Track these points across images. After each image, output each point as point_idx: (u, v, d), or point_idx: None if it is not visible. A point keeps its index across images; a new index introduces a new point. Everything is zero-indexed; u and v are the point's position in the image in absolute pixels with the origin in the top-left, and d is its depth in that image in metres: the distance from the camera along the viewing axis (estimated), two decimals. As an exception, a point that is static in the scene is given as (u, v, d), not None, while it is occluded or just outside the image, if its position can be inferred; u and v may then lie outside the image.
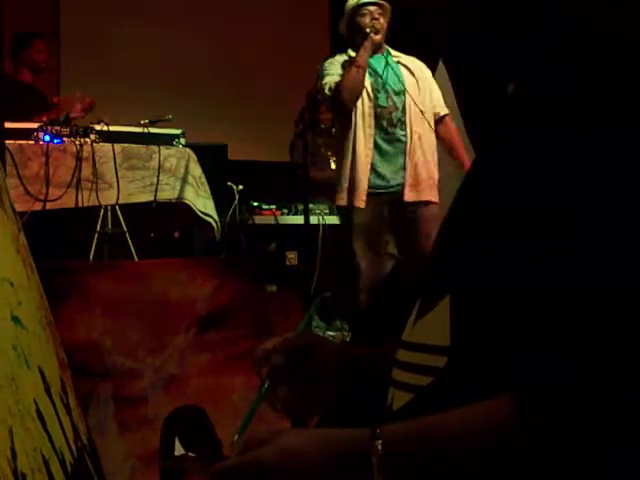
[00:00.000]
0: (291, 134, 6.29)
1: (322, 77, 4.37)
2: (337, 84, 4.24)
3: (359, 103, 4.27)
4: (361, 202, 4.23)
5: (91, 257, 4.39)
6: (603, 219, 0.79)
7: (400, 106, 4.30)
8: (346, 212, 4.36)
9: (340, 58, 4.43)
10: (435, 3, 1.04)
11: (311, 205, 5.78)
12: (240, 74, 7.87)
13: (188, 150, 4.90)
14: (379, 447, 0.83)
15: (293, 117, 5.59)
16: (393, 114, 4.29)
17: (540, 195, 0.83)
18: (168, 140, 4.85)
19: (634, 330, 0.76)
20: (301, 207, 5.77)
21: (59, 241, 4.49)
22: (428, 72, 4.44)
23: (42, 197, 4.23)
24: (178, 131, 4.97)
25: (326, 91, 4.29)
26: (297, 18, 8.39)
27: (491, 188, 0.91)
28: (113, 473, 2.17)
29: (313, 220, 5.84)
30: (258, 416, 1.16)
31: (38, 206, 4.22)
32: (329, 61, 4.45)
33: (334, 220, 6.21)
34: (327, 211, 6.16)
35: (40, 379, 1.07)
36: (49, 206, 4.26)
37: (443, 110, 4.44)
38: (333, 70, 4.35)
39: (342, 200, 4.33)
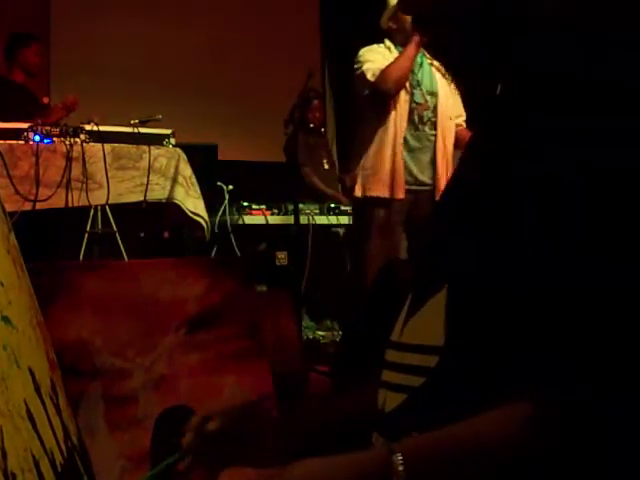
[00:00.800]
0: (282, 134, 6.25)
1: (361, 63, 4.31)
2: (382, 71, 4.18)
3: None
4: (400, 193, 4.22)
5: (81, 257, 4.39)
6: (602, 218, 0.79)
7: (432, 106, 4.31)
8: (364, 206, 4.32)
9: (379, 48, 4.40)
10: (433, 6, 1.04)
11: (301, 205, 5.78)
12: (230, 74, 7.87)
13: (178, 150, 4.90)
14: (400, 468, 0.82)
15: (283, 117, 5.58)
16: (425, 112, 4.29)
17: (536, 194, 0.83)
18: (158, 140, 4.84)
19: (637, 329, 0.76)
20: (291, 207, 5.77)
21: (49, 241, 4.48)
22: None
23: (32, 197, 4.22)
24: (168, 131, 4.96)
25: (369, 77, 4.22)
26: (287, 17, 8.39)
27: (484, 186, 0.91)
28: (103, 473, 2.17)
29: (303, 220, 5.85)
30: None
31: (28, 206, 4.21)
32: (367, 49, 4.40)
33: (323, 220, 6.22)
34: (317, 211, 6.16)
35: (30, 379, 1.07)
36: (39, 206, 4.25)
37: (461, 119, 4.45)
38: (374, 57, 4.31)
39: (381, 190, 4.26)
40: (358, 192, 4.34)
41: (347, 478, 0.86)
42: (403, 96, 4.25)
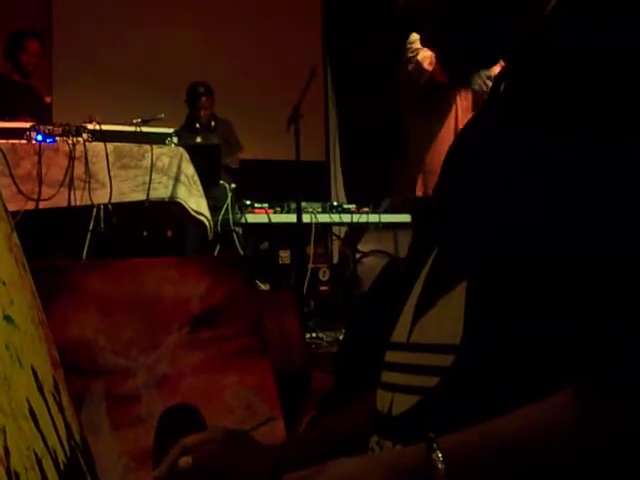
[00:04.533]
0: (284, 133, 6.19)
1: (416, 51, 4.03)
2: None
3: None
4: None
5: (84, 256, 4.39)
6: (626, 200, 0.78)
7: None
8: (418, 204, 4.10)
9: None
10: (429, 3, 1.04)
11: (304, 204, 5.78)
12: (232, 72, 7.87)
13: (180, 149, 4.90)
14: (440, 466, 0.81)
15: (285, 116, 5.59)
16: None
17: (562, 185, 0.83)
18: (160, 139, 4.84)
19: None
20: (294, 206, 5.77)
21: (52, 240, 4.48)
22: None
23: (35, 196, 4.22)
24: (170, 130, 4.96)
25: (426, 66, 3.95)
26: (289, 16, 8.39)
27: (501, 185, 0.90)
28: (106, 471, 2.17)
29: (306, 219, 5.85)
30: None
31: (31, 205, 4.21)
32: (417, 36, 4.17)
33: (326, 219, 6.22)
34: (320, 210, 6.16)
35: (33, 378, 1.07)
36: (42, 205, 4.25)
37: None
38: None
39: None
40: (419, 192, 4.10)
41: (385, 476, 0.84)
42: None
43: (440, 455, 0.81)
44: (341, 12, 8.54)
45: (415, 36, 4.04)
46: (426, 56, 3.96)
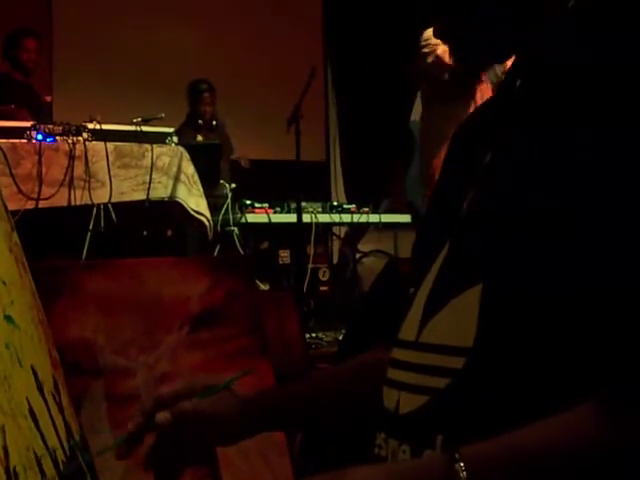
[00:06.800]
0: (284, 132, 6.17)
1: (433, 47, 4.01)
2: None
3: None
4: None
5: (84, 256, 4.39)
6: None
7: None
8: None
9: None
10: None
11: (304, 203, 5.78)
12: (232, 72, 7.87)
13: (180, 148, 4.90)
14: (462, 475, 0.79)
15: (285, 116, 5.58)
16: None
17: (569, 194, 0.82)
18: (161, 138, 4.84)
19: None
20: (294, 205, 5.77)
21: (52, 240, 4.48)
22: None
23: (35, 196, 4.23)
24: (170, 129, 4.96)
25: (447, 60, 3.73)
26: (290, 15, 8.39)
27: (508, 186, 0.89)
28: (106, 472, 2.17)
29: (306, 219, 5.85)
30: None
31: (31, 205, 4.22)
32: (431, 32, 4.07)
33: (326, 219, 6.22)
34: (320, 209, 6.16)
35: (32, 378, 1.07)
36: (42, 205, 4.26)
37: None
38: None
39: None
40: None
41: None
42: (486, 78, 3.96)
43: (463, 466, 0.80)
44: (341, 12, 8.54)
45: (429, 32, 3.99)
46: (447, 50, 3.90)
